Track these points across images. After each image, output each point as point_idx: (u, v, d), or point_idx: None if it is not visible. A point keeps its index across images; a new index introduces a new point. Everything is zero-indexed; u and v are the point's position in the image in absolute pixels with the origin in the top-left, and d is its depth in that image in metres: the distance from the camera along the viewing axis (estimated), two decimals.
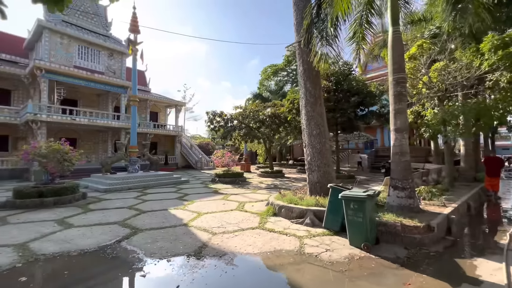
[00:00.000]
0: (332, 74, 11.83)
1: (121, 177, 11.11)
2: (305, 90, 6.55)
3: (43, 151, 7.23)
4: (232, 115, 15.07)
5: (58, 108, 15.66)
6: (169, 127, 25.85)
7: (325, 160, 6.25)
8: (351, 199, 3.93)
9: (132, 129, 12.83)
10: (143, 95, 23.46)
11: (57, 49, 16.26)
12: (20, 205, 6.79)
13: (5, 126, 15.90)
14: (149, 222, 5.44)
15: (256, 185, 11.82)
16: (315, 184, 6.21)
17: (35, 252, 3.82)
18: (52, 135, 17.74)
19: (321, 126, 6.35)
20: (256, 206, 6.91)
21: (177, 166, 24.92)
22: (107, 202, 7.69)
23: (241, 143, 16.64)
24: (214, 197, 8.44)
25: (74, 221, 5.51)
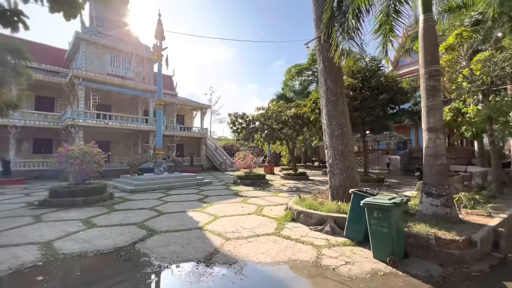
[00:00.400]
0: (358, 71, 11.14)
1: (147, 178, 11.53)
2: (325, 88, 6.17)
3: (74, 154, 7.71)
4: (254, 117, 14.96)
5: (93, 113, 16.83)
6: (195, 129, 26.55)
7: (348, 162, 5.80)
8: (374, 207, 3.52)
9: (158, 131, 13.29)
10: (170, 99, 24.40)
11: (92, 58, 17.53)
12: (55, 203, 7.29)
13: (49, 131, 17.48)
14: (166, 224, 5.46)
15: (277, 187, 11.53)
16: (337, 188, 5.79)
17: (56, 251, 3.98)
18: (88, 138, 19.15)
19: (343, 126, 5.92)
20: (274, 210, 6.65)
21: (203, 167, 25.47)
22: (131, 202, 7.96)
23: (264, 144, 16.43)
24: (233, 200, 8.33)
25: (98, 221, 5.73)
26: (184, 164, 22.87)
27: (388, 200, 3.49)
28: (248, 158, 13.03)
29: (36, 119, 16.64)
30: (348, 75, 11.46)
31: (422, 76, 4.79)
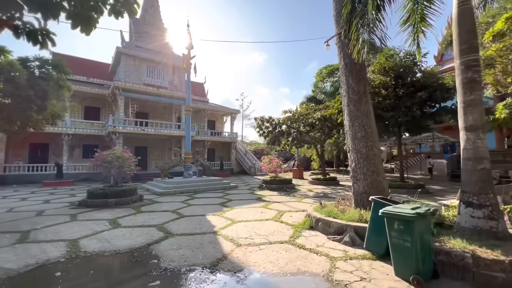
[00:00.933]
0: (391, 68, 10.29)
1: (176, 181, 12.01)
2: (347, 87, 5.76)
3: (108, 158, 8.33)
4: (280, 120, 14.74)
5: (131, 120, 18.20)
6: (225, 134, 27.17)
7: (373, 166, 5.30)
8: (394, 217, 3.11)
9: (187, 137, 13.82)
10: (201, 105, 25.36)
11: (131, 70, 19.06)
12: (91, 204, 7.93)
13: (96, 137, 19.34)
14: (184, 227, 5.54)
15: (303, 193, 11.10)
16: (361, 195, 5.31)
17: (80, 248, 4.25)
18: (128, 144, 20.72)
19: (367, 127, 5.44)
20: (294, 217, 6.36)
21: (233, 171, 25.85)
22: (157, 205, 8.31)
23: (292, 148, 16.07)
24: (254, 204, 8.21)
25: (123, 222, 6.05)
26: (214, 168, 23.51)
27: (411, 209, 3.04)
28: (274, 163, 12.82)
29: (85, 127, 18.54)
30: (379, 73, 10.67)
31: (457, 67, 4.19)
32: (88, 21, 3.46)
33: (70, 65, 21.01)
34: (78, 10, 3.39)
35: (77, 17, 3.38)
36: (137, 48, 19.69)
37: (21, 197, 10.43)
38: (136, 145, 21.78)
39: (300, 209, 7.29)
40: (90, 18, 3.46)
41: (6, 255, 4.02)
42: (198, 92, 28.04)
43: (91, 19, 3.47)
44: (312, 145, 14.92)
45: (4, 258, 3.89)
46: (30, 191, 12.34)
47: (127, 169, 8.80)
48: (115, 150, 8.97)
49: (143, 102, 20.49)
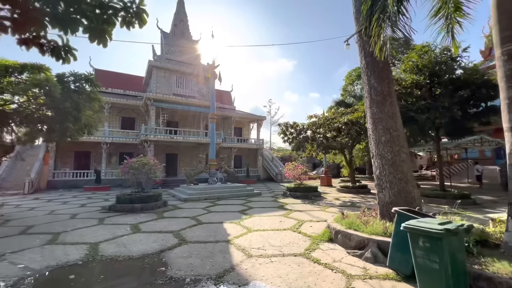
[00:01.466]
0: (425, 66, 9.40)
1: (200, 188, 12.21)
2: (369, 88, 5.33)
3: (135, 165, 8.76)
4: (304, 125, 14.32)
5: (161, 129, 19.14)
6: (252, 141, 27.27)
7: (400, 174, 4.76)
8: (419, 233, 2.68)
9: (211, 144, 14.06)
10: (228, 112, 25.84)
11: (162, 81, 20.18)
12: (119, 208, 8.36)
13: (130, 145, 20.68)
14: (199, 234, 5.50)
15: (329, 201, 10.52)
16: (387, 206, 4.79)
17: (98, 252, 4.41)
18: (159, 152, 21.83)
19: (392, 130, 4.94)
20: (314, 227, 5.97)
21: (259, 178, 25.73)
22: (179, 211, 8.47)
23: (318, 154, 15.48)
24: (275, 213, 7.94)
25: (143, 227, 6.22)
26: (240, 175, 23.62)
27: (439, 224, 2.60)
28: (298, 169, 12.41)
29: (121, 136, 19.97)
30: (411, 71, 9.82)
31: (498, 58, 3.61)
32: (103, 34, 3.62)
33: (108, 79, 22.87)
34: (94, 24, 3.55)
35: (93, 30, 3.55)
36: (167, 60, 20.87)
37: (63, 200, 11.43)
38: (167, 152, 22.85)
39: (322, 219, 6.85)
40: (104, 31, 3.62)
41: (34, 255, 4.32)
42: (225, 100, 28.69)
43: (105, 31, 3.62)
44: (339, 151, 14.19)
45: (31, 258, 4.18)
46: (72, 195, 13.50)
47: (153, 175, 9.15)
48: (142, 157, 9.40)
49: (173, 111, 21.52)
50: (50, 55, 3.73)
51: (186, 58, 21.96)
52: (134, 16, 3.71)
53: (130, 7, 3.64)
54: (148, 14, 3.85)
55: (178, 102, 19.95)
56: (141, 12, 3.71)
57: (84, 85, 7.36)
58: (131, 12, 3.68)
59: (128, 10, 3.65)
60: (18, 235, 5.62)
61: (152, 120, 19.01)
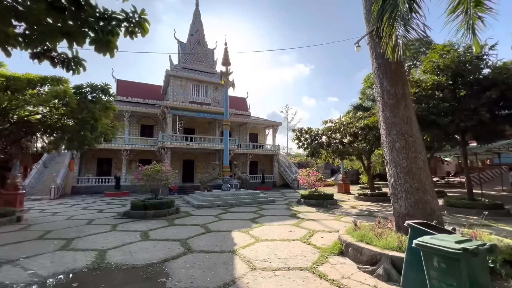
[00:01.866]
0: (447, 66, 8.81)
1: (213, 194, 12.22)
2: (381, 91, 5.03)
3: (148, 172, 8.93)
4: (318, 131, 13.96)
5: (177, 136, 19.57)
6: (267, 146, 27.12)
7: (417, 183, 4.39)
8: (433, 252, 2.39)
9: (225, 150, 14.09)
10: (243, 119, 25.96)
11: (178, 90, 20.76)
12: (132, 215, 8.52)
13: (149, 152, 21.32)
14: (205, 243, 5.42)
15: (345, 210, 10.06)
16: (403, 217, 4.42)
17: (104, 259, 4.45)
18: (177, 158, 22.30)
19: (407, 135, 4.60)
20: (326, 238, 5.68)
21: (275, 184, 25.41)
22: (190, 218, 8.47)
23: (335, 160, 14.98)
24: (286, 222, 7.69)
25: (152, 234, 6.25)
26: (255, 182, 23.47)
27: (456, 242, 2.30)
28: (313, 176, 12.05)
29: (140, 143, 20.66)
30: (431, 72, 9.26)
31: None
32: (108, 45, 3.70)
33: (130, 89, 23.79)
34: (99, 36, 3.65)
35: (98, 42, 3.65)
36: (183, 69, 21.47)
37: (83, 206, 11.91)
38: (183, 158, 23.30)
39: (335, 229, 6.51)
40: (109, 42, 3.70)
41: (45, 261, 4.44)
42: (241, 106, 28.89)
43: (110, 42, 3.71)
44: (356, 156, 13.63)
45: (42, 264, 4.29)
46: (92, 200, 14.06)
47: (165, 182, 9.27)
48: (155, 164, 9.58)
49: (190, 118, 21.99)
50: (60, 67, 3.88)
51: (201, 66, 22.48)
52: (136, 25, 3.77)
53: (133, 17, 3.70)
54: (150, 23, 3.90)
55: (194, 110, 20.36)
56: (142, 21, 3.76)
57: (100, 95, 7.67)
58: (134, 22, 3.73)
59: (131, 21, 3.71)
60: (36, 240, 5.86)
61: (169, 127, 19.51)
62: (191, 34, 23.51)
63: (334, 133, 13.29)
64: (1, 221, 7.31)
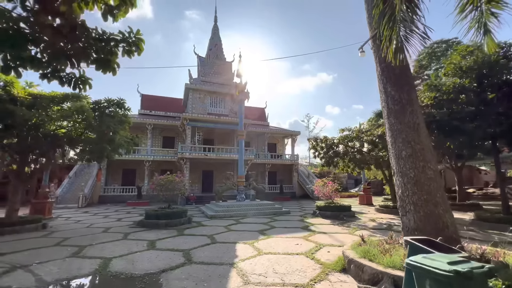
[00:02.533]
0: (470, 67, 8.18)
1: (227, 205, 12.22)
2: (385, 96, 4.77)
3: (161, 182, 9.21)
4: (334, 139, 13.52)
5: (196, 147, 20.09)
6: (286, 156, 26.79)
7: (427, 194, 4.02)
8: (424, 273, 2.14)
9: (239, 160, 14.16)
10: (261, 129, 26.05)
11: (197, 102, 21.49)
12: (146, 224, 8.76)
13: (170, 163, 22.06)
14: (207, 255, 5.37)
15: (362, 223, 9.49)
16: (412, 232, 4.05)
17: (106, 267, 4.58)
18: (196, 168, 22.82)
19: (414, 143, 4.27)
20: (332, 253, 5.36)
21: (294, 195, 24.87)
22: (200, 228, 8.50)
23: (354, 170, 14.33)
24: (295, 234, 7.42)
25: (159, 244, 6.34)
26: (273, 192, 23.17)
27: (449, 263, 2.03)
28: (329, 186, 11.60)
29: (161, 154, 21.51)
30: (453, 74, 8.64)
31: None
32: (108, 63, 3.95)
33: (153, 103, 25.02)
34: (99, 56, 3.91)
35: (99, 62, 3.91)
36: (202, 82, 22.27)
37: (105, 214, 12.53)
38: (203, 169, 23.76)
39: (345, 244, 6.12)
40: (109, 61, 3.95)
41: (53, 267, 4.68)
42: (259, 116, 29.08)
43: (110, 61, 3.95)
44: (374, 166, 12.93)
45: (50, 270, 4.52)
46: (115, 209, 14.76)
47: (177, 192, 9.48)
48: (168, 175, 9.86)
49: (209, 130, 22.54)
50: (68, 85, 4.18)
51: (219, 79, 23.17)
52: (132, 45, 3.99)
53: (129, 37, 3.92)
54: (145, 42, 4.11)
55: (211, 121, 20.87)
56: (138, 41, 3.97)
57: (116, 109, 8.18)
58: (131, 42, 3.95)
59: (128, 41, 3.93)
60: (53, 246, 6.22)
61: (188, 138, 20.14)
62: (209, 48, 24.48)
63: (351, 141, 12.78)
64: (28, 228, 7.91)
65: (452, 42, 22.57)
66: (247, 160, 21.68)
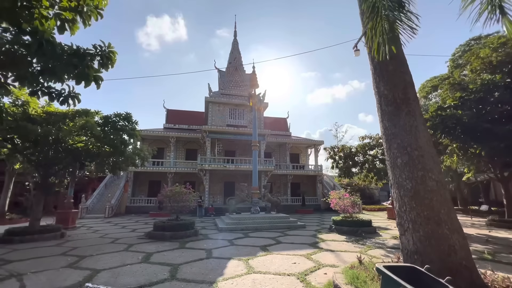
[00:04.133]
0: (501, 61, 7.06)
1: (239, 217, 11.91)
2: (378, 97, 4.22)
3: (168, 193, 9.29)
4: (352, 148, 12.59)
5: (215, 158, 20.30)
6: (310, 167, 25.82)
7: (427, 210, 3.35)
8: None
9: (253, 171, 13.87)
10: (282, 139, 25.59)
11: (216, 115, 21.92)
12: (152, 235, 8.83)
13: (193, 175, 22.55)
14: (194, 271, 5.12)
15: (381, 241, 8.48)
16: (411, 255, 3.38)
17: (90, 279, 4.57)
18: (218, 180, 23.00)
19: (410, 148, 3.64)
20: (329, 275, 4.74)
21: (319, 208, 23.65)
22: (203, 241, 8.30)
23: (375, 181, 13.14)
24: (298, 251, 6.83)
25: (154, 257, 6.24)
26: (295, 204, 22.27)
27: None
28: (345, 199, 10.71)
29: (184, 166, 22.11)
30: (482, 70, 7.54)
31: None
32: (87, 77, 4.08)
33: (177, 117, 26.09)
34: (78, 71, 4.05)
35: (79, 76, 4.06)
36: (221, 95, 22.78)
37: (124, 224, 13.02)
38: (225, 180, 23.86)
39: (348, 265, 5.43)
40: (88, 74, 4.08)
41: (43, 277, 4.79)
42: (281, 126, 28.70)
43: (89, 75, 4.08)
44: None
45: (38, 280, 4.63)
46: (136, 220, 15.31)
47: (183, 203, 9.47)
48: (177, 186, 9.94)
49: (229, 141, 22.75)
50: (57, 101, 4.38)
51: (238, 90, 23.51)
52: (106, 58, 4.08)
53: (103, 51, 4.01)
54: (116, 53, 4.18)
55: (230, 132, 21.05)
56: (108, 53, 4.04)
57: (125, 123, 8.56)
58: (105, 56, 4.04)
59: (103, 54, 4.03)
60: (57, 256, 6.47)
61: (208, 150, 20.49)
62: (229, 62, 25.12)
63: (372, 149, 11.79)
64: (46, 237, 8.43)
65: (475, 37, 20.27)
66: (267, 171, 21.29)
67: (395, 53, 3.82)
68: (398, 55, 4.03)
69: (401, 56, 4.11)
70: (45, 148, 8.36)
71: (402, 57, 4.14)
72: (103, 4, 3.94)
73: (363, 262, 4.16)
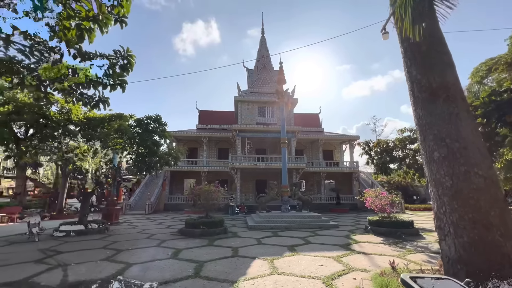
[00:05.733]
0: None
1: (269, 216, 11.79)
2: (410, 83, 3.72)
3: (197, 191, 9.56)
4: (388, 143, 11.56)
5: (245, 157, 20.45)
6: (345, 163, 24.63)
7: (473, 212, 2.84)
8: None
9: (283, 169, 13.62)
10: (314, 135, 24.79)
11: (245, 113, 22.04)
12: (184, 232, 9.17)
13: (225, 173, 23.01)
14: (217, 269, 5.14)
15: (425, 244, 7.64)
16: (454, 264, 2.90)
17: (122, 273, 4.86)
18: (250, 178, 23.18)
19: (450, 140, 3.12)
20: (358, 281, 4.36)
21: (356, 207, 22.36)
22: (232, 239, 8.35)
23: (418, 178, 11.92)
24: (327, 253, 6.46)
25: (182, 254, 6.44)
26: (330, 203, 21.39)
27: None
28: (383, 197, 9.89)
29: (216, 165, 22.69)
30: None
31: None
32: (122, 86, 4.36)
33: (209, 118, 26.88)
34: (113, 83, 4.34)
35: (112, 86, 4.34)
36: (250, 93, 22.84)
37: (161, 221, 13.79)
38: (256, 178, 23.95)
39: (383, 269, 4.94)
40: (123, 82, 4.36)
41: (83, 268, 5.22)
42: (312, 123, 27.83)
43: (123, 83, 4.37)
44: None
45: (79, 271, 5.06)
46: (172, 217, 16.13)
47: (214, 201, 9.65)
48: (206, 185, 10.18)
49: (260, 139, 22.75)
50: (89, 105, 4.75)
51: (267, 88, 23.33)
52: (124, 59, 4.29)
53: (122, 56, 4.21)
54: (134, 56, 4.34)
55: (259, 130, 21.01)
56: (129, 57, 4.23)
57: (156, 125, 9.02)
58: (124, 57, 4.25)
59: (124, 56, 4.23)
60: (99, 249, 7.05)
61: (238, 149, 20.74)
62: (257, 60, 25.07)
63: (412, 143, 10.71)
64: (93, 231, 9.28)
65: None
66: (298, 169, 20.81)
67: (429, 31, 3.31)
68: (434, 33, 3.50)
69: (437, 34, 3.56)
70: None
71: (439, 35, 3.58)
72: (123, 13, 4.11)
73: (396, 269, 3.71)
